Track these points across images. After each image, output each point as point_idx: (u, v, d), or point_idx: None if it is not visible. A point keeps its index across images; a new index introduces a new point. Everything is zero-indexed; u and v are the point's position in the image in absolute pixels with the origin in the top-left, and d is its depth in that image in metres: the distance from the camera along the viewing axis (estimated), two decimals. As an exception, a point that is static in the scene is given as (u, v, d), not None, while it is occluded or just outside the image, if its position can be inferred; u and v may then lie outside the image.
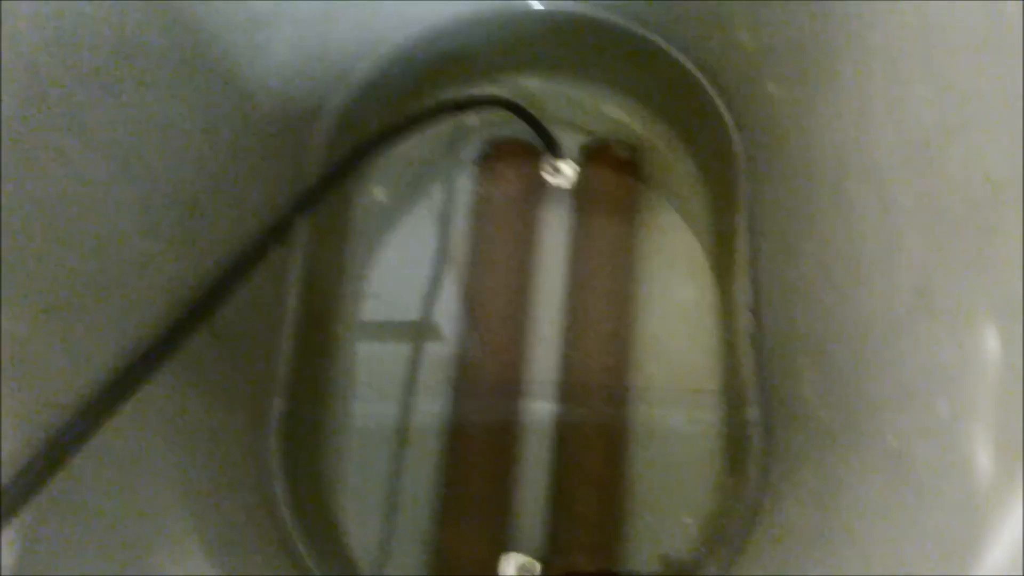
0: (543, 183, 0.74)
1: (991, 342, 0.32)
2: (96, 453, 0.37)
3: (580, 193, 0.74)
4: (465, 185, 0.76)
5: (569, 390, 0.69)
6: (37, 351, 0.36)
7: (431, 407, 0.69)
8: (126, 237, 0.43)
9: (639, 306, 0.71)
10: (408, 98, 0.74)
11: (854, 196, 0.47)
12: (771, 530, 0.54)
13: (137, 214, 0.44)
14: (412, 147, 0.76)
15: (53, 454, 0.34)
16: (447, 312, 0.72)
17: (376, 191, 0.76)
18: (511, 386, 0.69)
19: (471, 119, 0.77)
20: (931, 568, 0.31)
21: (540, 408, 0.69)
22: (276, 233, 0.51)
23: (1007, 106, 0.32)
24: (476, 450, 0.67)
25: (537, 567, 0.64)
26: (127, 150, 0.43)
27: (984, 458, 0.31)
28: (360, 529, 0.65)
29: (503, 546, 0.65)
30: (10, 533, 0.30)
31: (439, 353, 0.71)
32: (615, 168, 0.74)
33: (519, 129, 0.72)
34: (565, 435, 0.67)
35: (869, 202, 0.44)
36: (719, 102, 0.69)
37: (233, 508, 0.50)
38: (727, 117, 0.69)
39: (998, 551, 0.28)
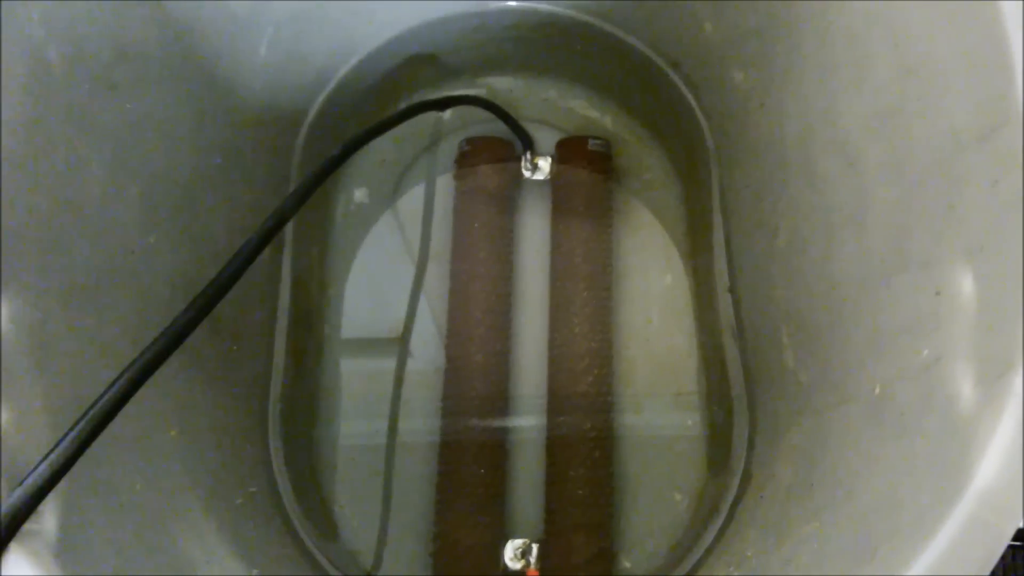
0: (520, 178, 0.76)
1: (967, 284, 0.35)
2: (120, 438, 0.37)
3: (557, 188, 0.76)
4: (444, 183, 0.77)
5: (557, 382, 0.71)
6: (55, 339, 0.37)
7: (422, 403, 0.70)
8: (128, 229, 0.44)
9: (619, 298, 0.73)
10: (385, 100, 0.76)
11: (823, 165, 0.49)
12: (760, 493, 0.56)
13: (137, 207, 0.45)
14: (390, 148, 0.78)
15: (80, 437, 0.35)
16: (431, 311, 0.73)
17: (357, 193, 0.77)
18: (500, 386, 0.71)
19: (448, 118, 0.78)
20: (925, 493, 0.33)
21: (529, 400, 0.70)
22: (270, 232, 0.53)
23: (967, 66, 0.35)
24: (470, 439, 0.68)
25: (533, 549, 0.66)
26: (126, 146, 0.44)
27: (967, 390, 0.33)
28: (358, 521, 0.66)
29: (501, 532, 0.66)
30: (52, 508, 0.31)
31: (425, 356, 0.72)
32: (590, 161, 0.76)
33: (495, 127, 0.74)
34: (555, 417, 0.69)
35: (838, 169, 0.47)
36: (688, 94, 0.72)
37: (240, 495, 0.51)
38: (696, 108, 0.72)
39: (987, 466, 0.30)
